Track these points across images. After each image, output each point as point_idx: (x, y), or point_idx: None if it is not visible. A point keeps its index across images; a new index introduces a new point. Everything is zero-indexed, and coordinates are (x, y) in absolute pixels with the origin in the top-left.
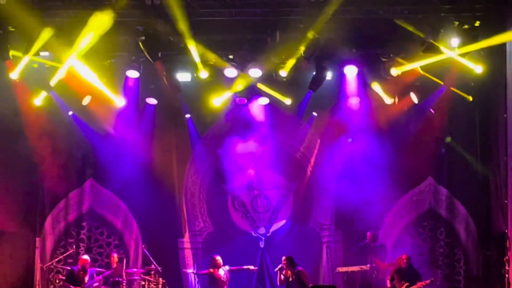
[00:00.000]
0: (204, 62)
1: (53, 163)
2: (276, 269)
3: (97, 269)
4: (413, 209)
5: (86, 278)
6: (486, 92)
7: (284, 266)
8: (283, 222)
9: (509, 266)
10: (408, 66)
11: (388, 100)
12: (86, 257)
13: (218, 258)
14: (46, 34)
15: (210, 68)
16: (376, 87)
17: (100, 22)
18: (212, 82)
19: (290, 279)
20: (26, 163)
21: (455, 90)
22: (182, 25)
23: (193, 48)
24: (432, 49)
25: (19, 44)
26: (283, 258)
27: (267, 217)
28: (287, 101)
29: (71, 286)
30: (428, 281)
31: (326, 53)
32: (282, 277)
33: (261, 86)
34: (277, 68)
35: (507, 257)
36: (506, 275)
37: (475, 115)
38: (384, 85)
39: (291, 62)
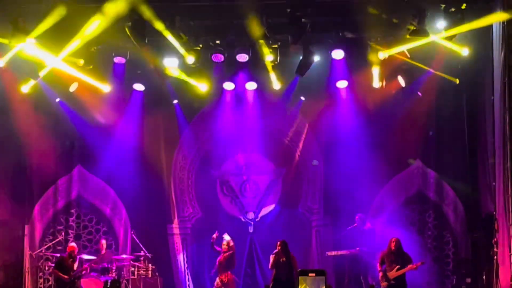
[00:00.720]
0: (191, 48)
1: (41, 150)
2: (273, 253)
3: (86, 256)
4: (402, 192)
5: (75, 265)
6: (473, 75)
7: (280, 250)
8: (272, 206)
9: (497, 248)
10: (395, 50)
11: (376, 84)
12: (73, 244)
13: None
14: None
15: (197, 53)
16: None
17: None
18: (199, 68)
19: (281, 260)
20: (14, 151)
21: (441, 74)
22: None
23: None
24: (418, 33)
25: (5, 31)
26: (278, 242)
27: (255, 202)
28: (276, 85)
29: (60, 274)
30: (419, 264)
31: (313, 37)
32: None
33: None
34: (264, 52)
35: (495, 239)
36: (495, 257)
37: (463, 97)
38: (371, 69)
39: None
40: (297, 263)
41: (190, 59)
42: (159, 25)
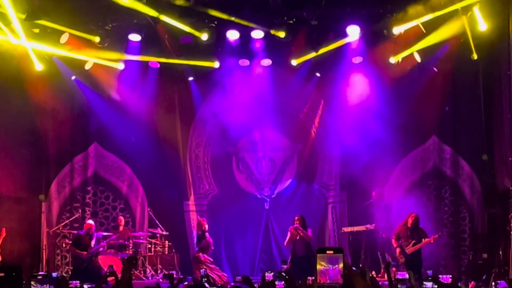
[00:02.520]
0: (206, 24)
1: (57, 128)
2: (293, 228)
3: (103, 233)
4: (418, 168)
5: (92, 243)
6: (490, 50)
7: (298, 225)
8: (288, 182)
9: None
10: (410, 24)
11: (392, 59)
12: (91, 221)
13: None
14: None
15: (212, 30)
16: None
17: None
18: (214, 44)
19: (298, 237)
20: (30, 129)
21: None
22: None
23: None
24: (435, 7)
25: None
26: (296, 217)
27: (271, 178)
28: (293, 62)
29: (77, 251)
30: (436, 236)
31: (329, 13)
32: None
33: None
34: (279, 29)
35: (511, 214)
36: (511, 232)
37: (479, 73)
38: (387, 44)
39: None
40: (311, 238)
41: (205, 36)
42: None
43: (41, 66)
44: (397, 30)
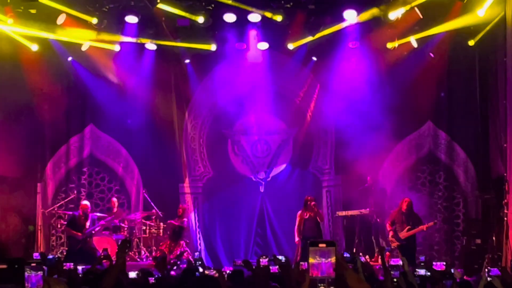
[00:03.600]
0: (203, 7)
1: (53, 108)
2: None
3: (98, 214)
4: (413, 153)
5: (87, 223)
6: (486, 36)
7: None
8: (283, 166)
9: (507, 209)
10: (407, 8)
11: (389, 45)
12: (86, 202)
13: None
14: None
15: (209, 13)
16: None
17: None
18: (210, 27)
19: (307, 216)
20: (26, 109)
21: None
22: None
23: None
24: None
25: None
26: (310, 197)
27: (267, 162)
28: (290, 45)
29: (73, 231)
30: (431, 224)
31: None
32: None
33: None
34: (276, 13)
35: (505, 200)
36: (505, 218)
37: (475, 59)
38: (384, 30)
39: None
40: (323, 218)
41: (201, 19)
42: None
43: (36, 46)
44: (394, 15)
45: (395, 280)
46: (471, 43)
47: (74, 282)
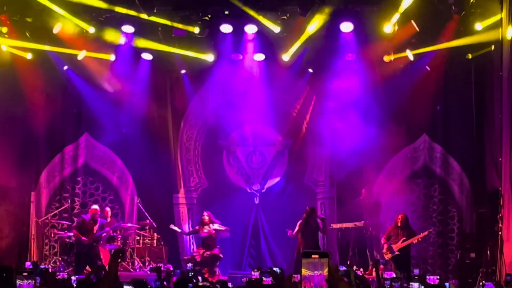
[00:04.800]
0: (200, 18)
1: (48, 117)
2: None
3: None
4: (408, 166)
5: (96, 228)
6: (482, 50)
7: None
8: (278, 178)
9: (502, 224)
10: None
11: (385, 57)
12: (96, 207)
13: (205, 215)
14: None
15: (205, 24)
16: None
17: None
18: (207, 38)
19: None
20: (21, 118)
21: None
22: None
23: None
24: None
25: None
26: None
27: (261, 173)
28: (285, 56)
29: (80, 236)
30: (426, 233)
31: (322, 10)
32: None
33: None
34: (272, 23)
35: (500, 215)
36: (500, 232)
37: (471, 72)
38: (381, 42)
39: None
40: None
41: (197, 29)
42: None
43: (30, 55)
44: (390, 28)
45: None
46: (468, 56)
47: None
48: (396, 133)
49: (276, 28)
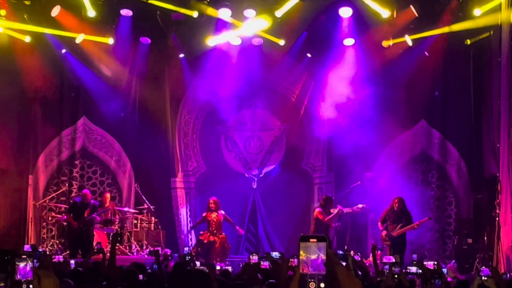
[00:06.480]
0: (198, 1)
1: (46, 101)
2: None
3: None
4: (406, 152)
5: (87, 211)
6: (481, 35)
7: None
8: (276, 162)
9: (499, 210)
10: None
11: (384, 43)
12: (87, 191)
13: (211, 201)
14: None
15: (203, 7)
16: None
17: None
18: (205, 22)
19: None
20: (19, 101)
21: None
22: None
23: None
24: None
25: None
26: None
27: (259, 158)
28: (281, 42)
29: (71, 219)
30: (426, 219)
31: None
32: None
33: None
34: (271, 8)
35: (497, 200)
36: (497, 218)
37: (469, 58)
38: (379, 28)
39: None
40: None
41: (195, 13)
42: None
43: (29, 38)
44: (386, 13)
45: (395, 276)
46: (467, 42)
47: (62, 275)
48: (395, 118)
49: (278, 12)
